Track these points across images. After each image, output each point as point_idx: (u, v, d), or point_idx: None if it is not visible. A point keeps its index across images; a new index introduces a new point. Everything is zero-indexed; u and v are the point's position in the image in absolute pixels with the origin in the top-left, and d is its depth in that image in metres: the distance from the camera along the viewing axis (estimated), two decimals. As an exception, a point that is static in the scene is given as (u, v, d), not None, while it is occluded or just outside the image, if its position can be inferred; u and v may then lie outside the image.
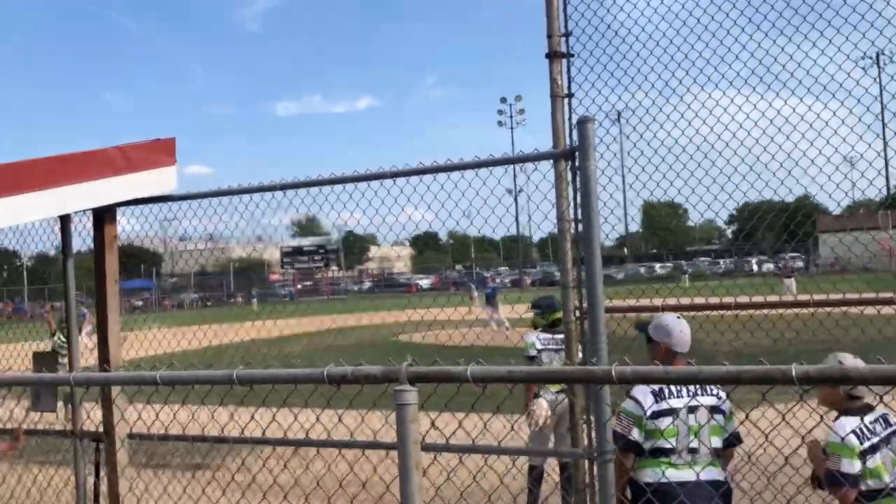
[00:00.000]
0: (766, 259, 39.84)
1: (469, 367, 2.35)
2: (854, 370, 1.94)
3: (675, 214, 72.83)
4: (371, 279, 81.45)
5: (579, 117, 3.99)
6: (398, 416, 2.36)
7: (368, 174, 4.62)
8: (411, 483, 2.34)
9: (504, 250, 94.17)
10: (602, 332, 3.73)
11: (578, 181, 3.96)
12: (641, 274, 59.13)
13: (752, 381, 2.00)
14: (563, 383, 3.70)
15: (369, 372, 2.48)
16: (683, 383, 2.04)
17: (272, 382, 2.62)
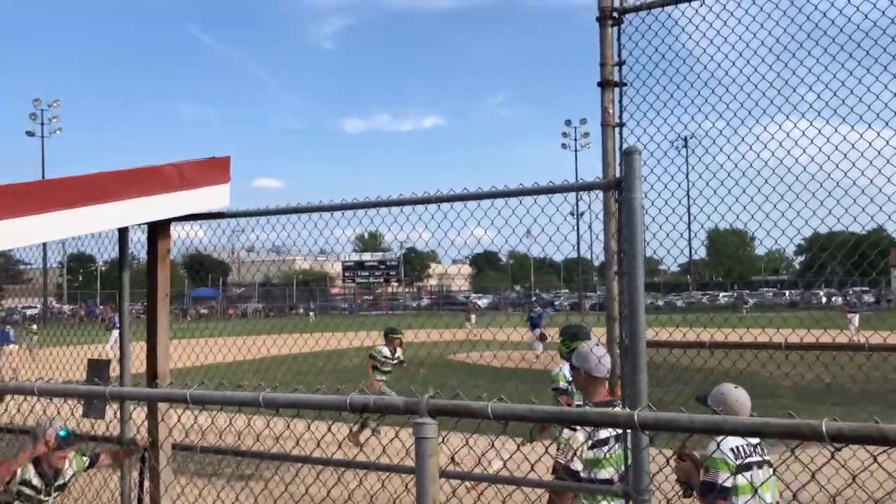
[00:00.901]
0: (835, 292, 38.49)
1: (490, 403, 2.31)
2: (891, 430, 1.83)
3: (743, 243, 71.10)
4: (429, 296, 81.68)
5: (625, 148, 3.93)
6: (417, 449, 2.34)
7: (425, 198, 4.63)
8: (428, 518, 2.32)
9: (565, 272, 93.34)
10: (642, 368, 3.64)
11: (623, 212, 3.89)
12: (704, 302, 57.78)
13: (778, 434, 1.91)
14: (588, 425, 3.63)
15: (391, 402, 2.47)
16: (707, 432, 1.96)
17: (296, 407, 2.63)
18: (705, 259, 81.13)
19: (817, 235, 5.90)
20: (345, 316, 60.08)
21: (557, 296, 74.01)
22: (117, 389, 3.00)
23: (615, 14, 4.80)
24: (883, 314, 29.98)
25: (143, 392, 2.87)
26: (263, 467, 8.66)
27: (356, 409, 2.52)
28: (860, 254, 5.10)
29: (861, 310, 28.24)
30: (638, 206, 3.74)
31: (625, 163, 3.84)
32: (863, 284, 38.83)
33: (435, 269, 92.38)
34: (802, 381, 6.31)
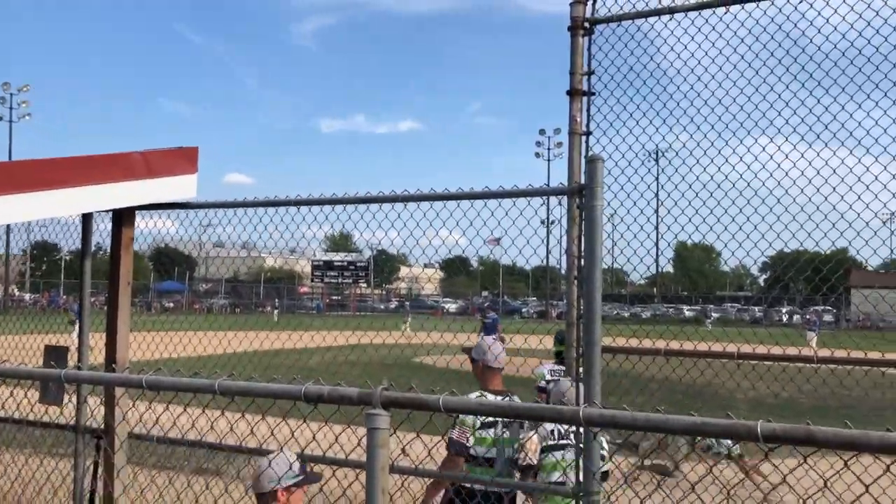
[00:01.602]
0: (796, 310, 39.21)
1: (442, 396, 2.36)
2: (819, 431, 1.92)
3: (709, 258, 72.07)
4: (398, 298, 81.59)
5: (589, 156, 4.02)
6: (368, 439, 2.38)
7: (393, 196, 4.67)
8: (376, 508, 2.35)
9: (533, 280, 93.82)
10: (596, 371, 3.71)
11: (585, 219, 3.96)
12: (669, 315, 58.47)
13: (717, 434, 1.98)
14: (534, 420, 3.73)
15: (345, 393, 2.50)
16: (648, 430, 2.03)
17: (251, 395, 2.65)
18: (672, 272, 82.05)
19: (782, 254, 6.04)
20: (312, 315, 59.79)
21: (525, 303, 74.37)
22: (73, 373, 2.99)
23: (586, 24, 4.88)
24: (840, 334, 30.61)
25: (99, 376, 2.87)
26: (221, 462, 8.62)
27: (311, 399, 2.56)
28: (822, 274, 5.23)
29: (819, 329, 28.79)
30: (599, 214, 3.82)
31: (588, 170, 3.91)
32: (823, 304, 39.56)
33: (405, 272, 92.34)
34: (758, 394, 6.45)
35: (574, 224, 4.24)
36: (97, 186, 4.69)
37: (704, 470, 6.25)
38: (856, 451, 1.86)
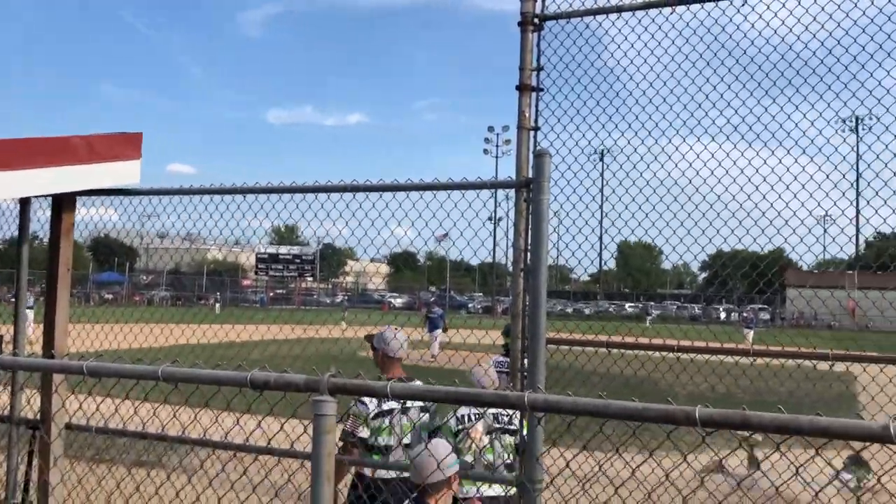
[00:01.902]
0: (733, 308, 40.32)
1: (389, 383, 2.38)
2: (754, 416, 2.00)
3: (651, 256, 73.50)
4: (345, 293, 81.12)
5: (537, 150, 4.07)
6: (315, 425, 2.39)
7: (341, 185, 4.66)
8: (322, 493, 2.36)
9: (480, 276, 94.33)
10: (541, 361, 3.77)
11: (532, 212, 4.02)
12: (611, 311, 59.52)
13: (656, 419, 2.05)
14: (480, 405, 3.79)
15: (291, 380, 2.50)
16: (591, 415, 2.08)
17: (195, 382, 2.63)
18: (615, 270, 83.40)
19: (721, 253, 6.21)
20: (256, 309, 59.02)
21: (472, 298, 74.73)
22: (10, 358, 2.91)
23: (536, 20, 4.93)
24: (776, 331, 31.62)
25: (37, 362, 2.81)
26: (161, 453, 8.49)
27: (257, 385, 2.55)
28: (759, 272, 5.40)
29: (755, 326, 29.68)
30: (545, 207, 3.88)
31: (535, 164, 3.97)
32: (760, 302, 40.74)
33: (352, 267, 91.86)
34: (696, 388, 6.62)
35: (521, 217, 4.29)
36: (37, 170, 4.56)
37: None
38: (787, 434, 1.95)
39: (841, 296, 15.13)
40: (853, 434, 1.89)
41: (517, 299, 4.36)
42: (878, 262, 20.31)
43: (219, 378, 2.57)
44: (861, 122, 5.27)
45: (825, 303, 8.10)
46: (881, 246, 29.93)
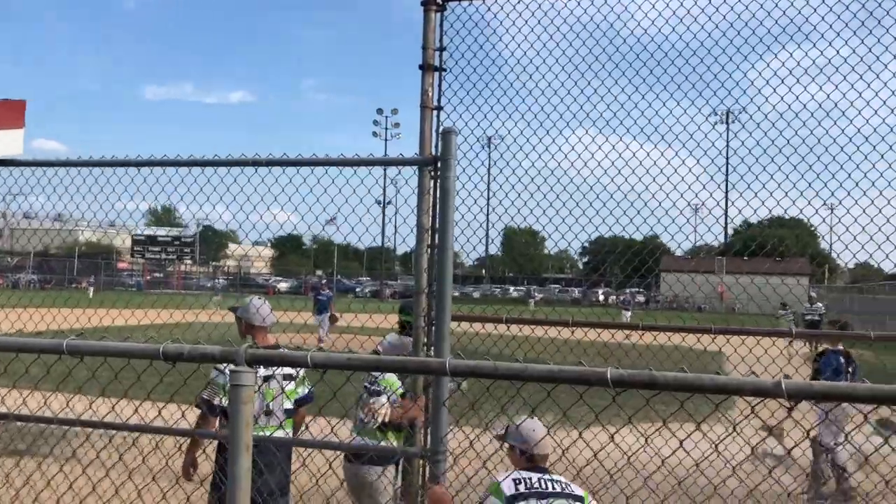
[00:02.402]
0: (612, 291, 42.10)
1: (309, 353, 2.38)
2: (661, 375, 2.14)
3: (535, 242, 75.49)
4: (227, 277, 78.93)
5: (443, 129, 4.13)
6: (232, 396, 2.36)
7: (228, 160, 4.53)
8: (240, 464, 2.34)
9: (367, 260, 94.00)
10: (446, 336, 3.86)
11: (438, 190, 4.09)
12: (496, 295, 60.84)
13: (570, 380, 2.15)
14: (401, 371, 3.85)
15: (206, 351, 2.47)
16: (510, 378, 2.16)
17: (104, 355, 2.54)
18: (500, 255, 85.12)
19: (601, 240, 6.48)
20: (132, 292, 56.54)
21: (359, 283, 74.44)
22: None
23: (439, 0, 4.98)
24: (652, 313, 33.29)
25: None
26: (30, 441, 8.07)
27: (169, 357, 2.49)
28: (637, 258, 5.69)
29: (632, 308, 31.19)
30: (452, 184, 3.96)
31: (442, 142, 4.04)
32: (637, 286, 42.69)
33: (234, 250, 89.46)
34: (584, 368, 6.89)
35: (426, 196, 4.34)
36: None
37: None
38: (690, 391, 2.10)
39: (712, 280, 16.09)
40: (748, 390, 2.06)
41: (421, 277, 4.42)
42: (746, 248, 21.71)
43: (129, 350, 2.49)
44: (732, 115, 5.63)
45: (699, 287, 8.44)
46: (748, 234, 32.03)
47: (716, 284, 14.27)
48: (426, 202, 4.37)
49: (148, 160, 4.64)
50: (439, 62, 4.99)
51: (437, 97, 4.98)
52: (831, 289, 47.99)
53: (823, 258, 48.08)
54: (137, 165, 4.63)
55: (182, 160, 4.59)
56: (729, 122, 5.88)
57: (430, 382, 3.93)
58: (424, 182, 4.43)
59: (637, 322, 4.93)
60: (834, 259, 47.74)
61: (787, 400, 1.96)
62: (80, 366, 2.74)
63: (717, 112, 5.46)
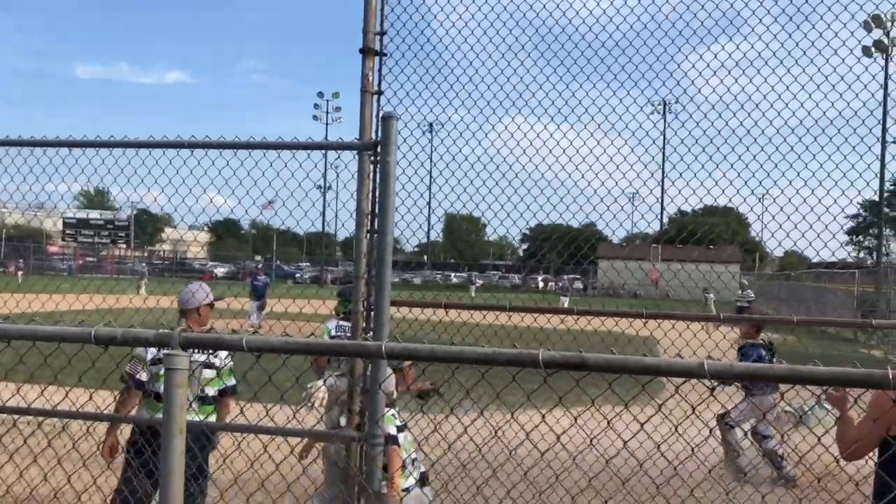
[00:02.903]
0: (550, 278, 42.73)
1: (244, 337, 2.38)
2: (591, 357, 2.21)
3: (475, 228, 75.91)
4: (162, 261, 77.22)
5: (384, 113, 4.12)
6: (166, 380, 2.34)
7: (163, 142, 4.43)
8: (173, 447, 2.33)
9: (308, 246, 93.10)
10: (386, 322, 3.88)
11: (379, 173, 4.09)
12: (437, 281, 61.05)
13: (504, 363, 2.21)
14: (339, 355, 3.87)
15: (140, 335, 2.44)
16: (446, 361, 2.20)
17: (33, 339, 2.49)
18: (441, 241, 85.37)
19: (540, 227, 6.58)
20: (63, 277, 54.83)
21: (299, 268, 73.71)
22: None
23: (381, -17, 4.96)
24: (589, 299, 33.88)
25: None
26: None
27: (101, 341, 2.45)
28: (574, 246, 5.81)
29: (570, 294, 31.79)
30: (392, 169, 3.96)
31: (383, 126, 4.04)
32: (574, 273, 43.39)
33: (169, 234, 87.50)
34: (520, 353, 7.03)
35: (366, 180, 4.34)
36: None
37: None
38: (618, 372, 2.17)
39: (646, 267, 16.48)
40: (675, 371, 2.14)
41: (360, 262, 4.42)
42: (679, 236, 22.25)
43: (60, 334, 2.44)
44: (667, 105, 5.79)
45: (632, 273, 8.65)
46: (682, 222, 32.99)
47: (648, 271, 14.61)
48: (366, 187, 4.37)
49: (79, 140, 4.51)
50: (380, 46, 4.98)
51: (378, 82, 4.97)
52: (760, 276, 49.68)
53: (753, 246, 49.66)
54: (68, 146, 4.51)
55: (115, 141, 4.48)
56: (665, 111, 6.03)
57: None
58: (364, 167, 4.43)
59: (573, 307, 5.03)
60: (763, 247, 49.32)
61: (710, 380, 2.05)
62: (7, 350, 2.68)
63: (652, 103, 5.60)
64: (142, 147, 4.52)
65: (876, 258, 35.54)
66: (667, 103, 5.83)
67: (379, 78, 4.98)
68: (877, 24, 9.12)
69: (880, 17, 7.74)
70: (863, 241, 62.17)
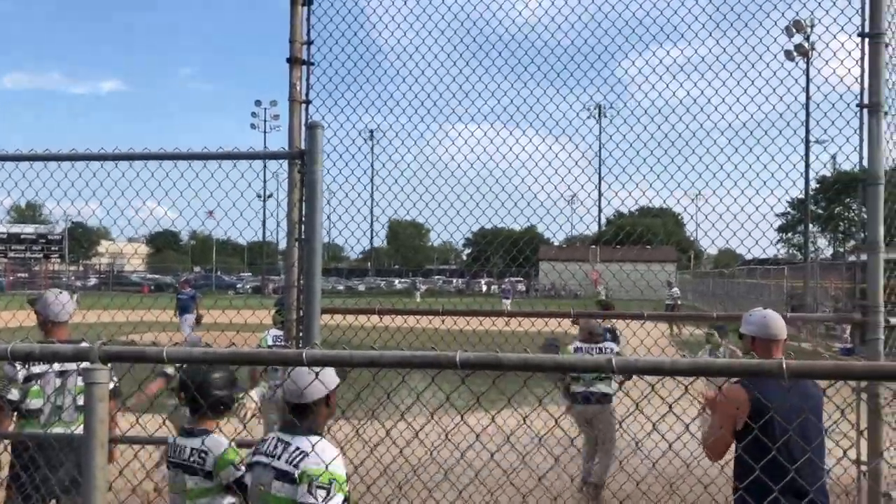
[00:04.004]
0: (494, 281, 43.08)
1: (165, 348, 2.39)
2: (505, 357, 2.28)
3: (419, 234, 76.02)
4: (99, 275, 75.13)
5: (310, 122, 4.16)
6: (87, 395, 2.33)
7: (97, 154, 4.39)
8: (95, 462, 2.32)
9: (249, 255, 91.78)
10: (316, 330, 3.91)
11: (306, 183, 4.12)
12: (382, 287, 60.89)
13: (422, 365, 2.27)
14: (262, 365, 3.87)
15: (59, 350, 2.43)
16: (366, 366, 2.25)
17: (-55, 357, 2.44)
18: (385, 247, 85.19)
19: (483, 231, 6.67)
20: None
21: (240, 278, 72.58)
22: None
23: (306, -7, 4.99)
24: (531, 301, 34.27)
25: None
26: None
27: (18, 357, 2.43)
28: (516, 249, 5.90)
29: (512, 296, 32.17)
30: (319, 178, 4.00)
31: (309, 136, 4.07)
32: (517, 275, 43.82)
33: (106, 247, 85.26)
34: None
35: (295, 189, 4.37)
36: None
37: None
38: (531, 370, 2.26)
39: (586, 268, 16.79)
40: (585, 368, 2.24)
41: (291, 270, 4.44)
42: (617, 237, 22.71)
43: (-26, 351, 2.41)
44: (603, 110, 5.94)
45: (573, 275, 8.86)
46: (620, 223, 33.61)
47: (588, 272, 14.95)
48: (294, 196, 4.40)
49: (9, 154, 4.43)
50: (307, 56, 5.01)
51: (306, 91, 5.00)
52: (695, 274, 50.91)
53: (688, 245, 50.98)
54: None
55: (47, 154, 4.42)
56: (602, 115, 6.18)
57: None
58: (293, 176, 4.45)
59: (514, 309, 5.12)
60: (698, 245, 50.64)
61: (616, 374, 2.14)
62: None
63: (587, 108, 5.74)
64: (74, 160, 4.45)
65: (804, 255, 36.84)
66: (602, 108, 5.98)
67: (307, 87, 5.01)
68: (798, 29, 9.56)
69: (801, 23, 8.10)
70: (791, 239, 64.33)
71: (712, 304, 36.57)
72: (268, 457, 2.95)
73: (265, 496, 2.91)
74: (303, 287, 4.19)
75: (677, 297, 28.00)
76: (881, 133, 4.44)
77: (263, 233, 65.60)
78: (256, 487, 2.94)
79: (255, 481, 2.97)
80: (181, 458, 3.52)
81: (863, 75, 4.52)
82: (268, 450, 2.98)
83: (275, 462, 2.91)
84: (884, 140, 4.46)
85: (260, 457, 3.00)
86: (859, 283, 4.92)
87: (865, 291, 4.53)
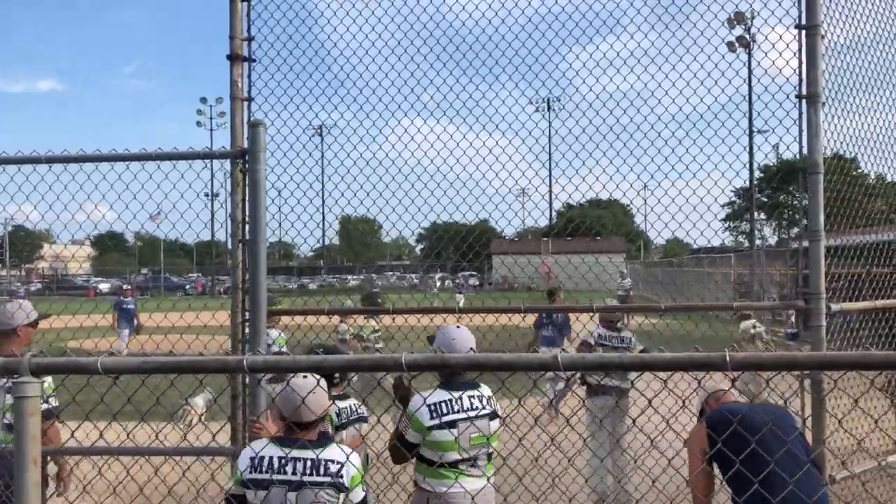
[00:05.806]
0: (447, 276, 43.19)
1: (100, 358, 2.30)
2: (452, 357, 2.25)
3: (372, 230, 75.67)
4: (41, 279, 73.07)
5: (251, 121, 4.08)
6: (17, 409, 2.23)
7: (34, 157, 4.25)
8: (27, 478, 2.23)
9: (198, 256, 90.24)
10: (262, 332, 3.83)
11: (248, 182, 4.03)
12: (335, 285, 60.47)
13: (369, 368, 2.23)
14: (198, 372, 3.78)
15: (-15, 363, 2.31)
16: (309, 370, 2.20)
17: None
18: (337, 244, 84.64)
19: (435, 226, 6.64)
20: (-71, 302, 51.05)
21: (189, 280, 71.35)
22: None
23: (245, -12, 4.88)
24: (484, 295, 34.42)
25: None
26: None
27: (-58, 372, 2.31)
28: (466, 244, 5.89)
29: (466, 291, 32.26)
30: (262, 177, 3.91)
31: (250, 135, 3.99)
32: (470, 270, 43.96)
33: (48, 250, 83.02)
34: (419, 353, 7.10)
35: (238, 188, 4.27)
36: None
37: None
38: (478, 369, 2.23)
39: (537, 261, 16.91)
40: (531, 366, 2.22)
41: (236, 271, 4.35)
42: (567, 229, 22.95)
43: None
44: (551, 103, 5.97)
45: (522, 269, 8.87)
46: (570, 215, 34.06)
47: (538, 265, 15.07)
48: (238, 195, 4.30)
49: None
50: (248, 52, 4.91)
51: (248, 88, 4.90)
52: (646, 264, 51.73)
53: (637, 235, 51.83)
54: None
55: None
56: (550, 109, 6.20)
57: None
58: (235, 175, 4.35)
59: (467, 305, 5.10)
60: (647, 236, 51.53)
61: (563, 371, 2.13)
62: None
63: (533, 102, 5.75)
64: (9, 164, 4.30)
65: (750, 242, 37.73)
66: (549, 101, 6.00)
67: (249, 84, 4.90)
68: (738, 21, 9.78)
69: (742, 14, 8.29)
70: (738, 227, 65.85)
71: (661, 294, 37.19)
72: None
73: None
74: (248, 288, 4.10)
75: (629, 287, 28.42)
76: (819, 122, 4.54)
77: (212, 232, 64.61)
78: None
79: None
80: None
81: (801, 66, 4.61)
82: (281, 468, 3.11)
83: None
84: (822, 129, 4.55)
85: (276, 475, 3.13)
86: (802, 270, 5.04)
87: (808, 279, 4.63)
